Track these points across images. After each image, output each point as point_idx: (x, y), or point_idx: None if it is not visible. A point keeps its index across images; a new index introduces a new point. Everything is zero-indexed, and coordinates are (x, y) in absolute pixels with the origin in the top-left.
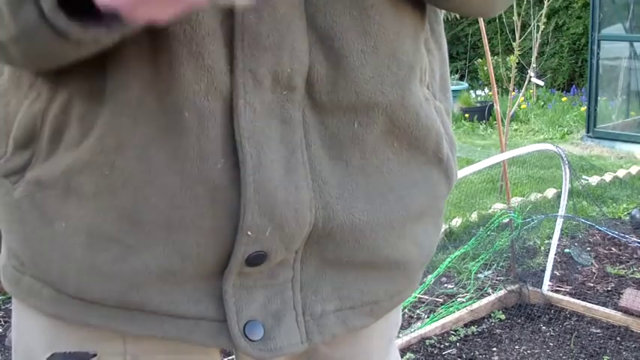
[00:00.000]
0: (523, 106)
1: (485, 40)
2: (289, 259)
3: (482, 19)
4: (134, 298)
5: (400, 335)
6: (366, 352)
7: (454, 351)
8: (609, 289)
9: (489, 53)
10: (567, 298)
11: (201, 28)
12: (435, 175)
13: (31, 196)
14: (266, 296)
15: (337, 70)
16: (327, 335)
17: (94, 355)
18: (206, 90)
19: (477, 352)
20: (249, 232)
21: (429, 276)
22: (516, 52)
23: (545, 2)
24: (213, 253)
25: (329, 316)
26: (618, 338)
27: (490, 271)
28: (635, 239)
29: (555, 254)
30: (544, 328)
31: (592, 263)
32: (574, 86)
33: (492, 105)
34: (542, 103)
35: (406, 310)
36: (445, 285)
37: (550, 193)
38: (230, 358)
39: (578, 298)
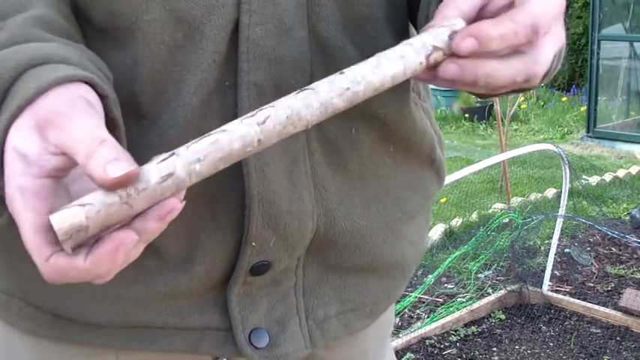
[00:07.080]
0: (523, 106)
1: None
2: (292, 266)
3: None
4: (141, 318)
5: (400, 335)
6: (362, 352)
7: (454, 351)
8: (609, 289)
9: None
10: (567, 298)
11: (206, 55)
12: (427, 176)
13: None
14: (270, 303)
15: None
16: (330, 338)
17: None
18: (212, 115)
19: (477, 352)
20: (253, 243)
21: (429, 276)
22: None
23: None
24: (219, 266)
25: (331, 319)
26: (618, 338)
27: (490, 271)
28: (635, 239)
29: (555, 254)
30: (544, 328)
31: (592, 263)
32: (574, 86)
33: (492, 105)
34: (542, 103)
35: (406, 310)
36: (445, 285)
37: (550, 193)
38: None
39: (578, 298)
